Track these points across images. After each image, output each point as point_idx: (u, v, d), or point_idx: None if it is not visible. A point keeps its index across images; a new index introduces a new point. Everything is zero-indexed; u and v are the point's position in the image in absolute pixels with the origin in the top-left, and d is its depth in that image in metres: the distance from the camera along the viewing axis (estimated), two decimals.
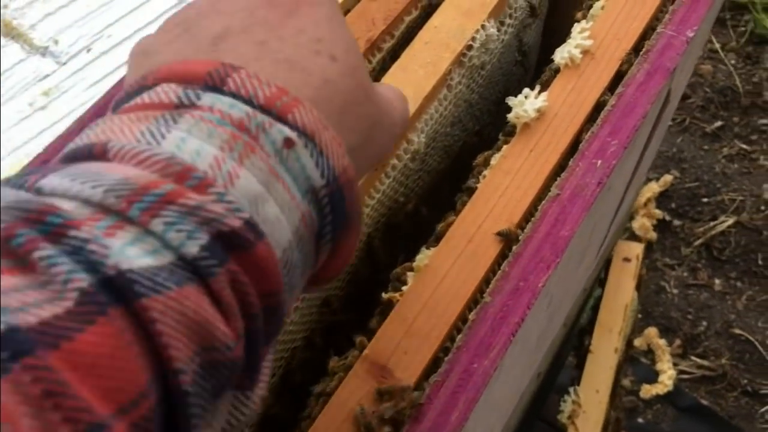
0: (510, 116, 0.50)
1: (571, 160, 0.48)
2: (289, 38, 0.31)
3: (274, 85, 0.28)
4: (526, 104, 0.50)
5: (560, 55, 0.53)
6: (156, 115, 0.27)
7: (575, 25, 0.55)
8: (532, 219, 0.46)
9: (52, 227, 0.22)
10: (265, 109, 0.28)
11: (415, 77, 0.52)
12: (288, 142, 0.28)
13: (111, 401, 0.21)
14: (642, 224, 1.62)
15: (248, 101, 0.27)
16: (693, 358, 1.51)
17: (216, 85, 0.28)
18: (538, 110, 0.50)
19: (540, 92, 0.51)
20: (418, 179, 0.58)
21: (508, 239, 0.45)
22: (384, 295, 0.46)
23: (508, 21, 0.60)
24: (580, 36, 0.54)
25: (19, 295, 0.20)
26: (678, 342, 1.52)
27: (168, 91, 0.28)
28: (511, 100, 0.51)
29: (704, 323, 1.55)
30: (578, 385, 0.84)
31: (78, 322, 0.21)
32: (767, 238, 1.64)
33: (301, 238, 0.28)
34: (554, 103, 0.51)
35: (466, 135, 0.63)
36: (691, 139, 1.79)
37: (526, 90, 0.51)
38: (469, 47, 0.55)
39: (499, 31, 0.58)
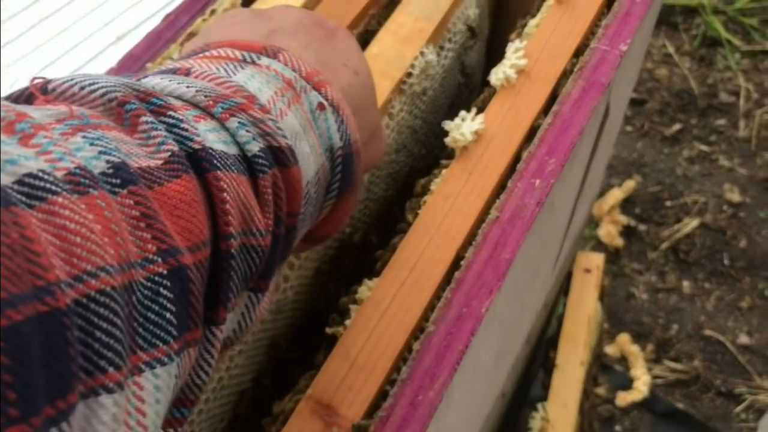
0: (447, 140, 0.50)
1: (510, 181, 0.48)
2: (326, 49, 0.38)
3: (313, 66, 0.35)
4: (462, 127, 0.50)
5: (495, 76, 0.53)
6: (226, 62, 0.33)
7: (509, 44, 0.55)
8: (473, 243, 0.46)
9: (155, 106, 0.27)
10: (305, 80, 0.34)
11: None
12: (320, 106, 0.34)
13: (184, 238, 0.25)
14: (608, 231, 1.63)
15: (294, 71, 0.34)
16: (666, 362, 1.51)
17: (269, 56, 0.34)
18: (476, 133, 0.50)
19: (477, 114, 0.51)
20: (364, 208, 0.58)
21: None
22: (327, 330, 0.45)
23: (447, 45, 0.59)
24: (514, 56, 0.54)
25: (126, 145, 0.25)
26: (651, 347, 1.53)
27: (233, 51, 0.34)
28: (447, 124, 0.50)
29: (675, 326, 1.56)
30: (546, 400, 0.84)
31: (167, 174, 0.26)
32: (731, 238, 1.66)
33: (318, 181, 0.34)
34: (491, 124, 0.51)
35: (412, 160, 0.62)
36: (651, 144, 1.81)
37: (463, 113, 0.51)
38: (409, 74, 0.54)
39: (438, 56, 0.58)
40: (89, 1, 0.78)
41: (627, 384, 1.45)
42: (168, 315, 0.24)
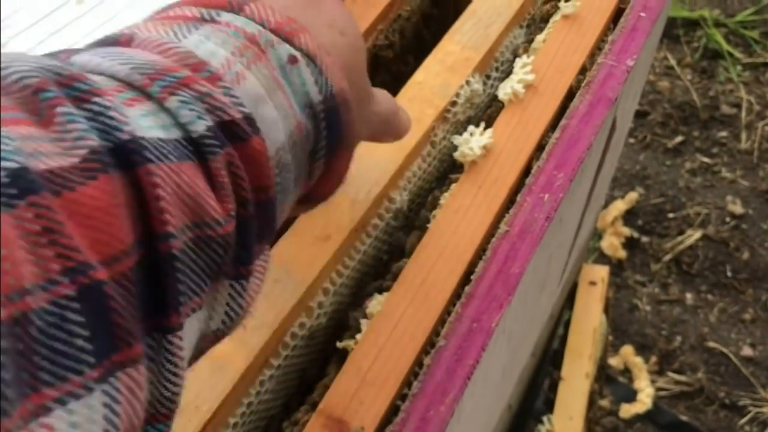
0: (456, 155, 0.50)
1: (519, 195, 0.48)
2: (310, 11, 0.35)
3: (286, 15, 0.32)
4: (471, 142, 0.50)
5: (503, 90, 0.53)
6: (179, 22, 0.30)
7: (517, 60, 0.55)
8: (483, 257, 0.46)
9: (78, 92, 0.24)
10: (274, 32, 0.31)
11: None
12: (292, 59, 0.31)
13: (97, 251, 0.22)
14: (611, 243, 1.63)
15: (261, 24, 0.31)
16: (670, 374, 1.51)
17: (233, 11, 0.31)
18: (484, 147, 0.50)
19: (485, 129, 0.51)
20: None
21: None
22: (338, 344, 0.45)
23: (494, 75, 0.59)
24: (522, 71, 0.54)
25: (34, 143, 0.22)
26: (654, 359, 1.53)
27: (191, 8, 0.31)
28: (456, 139, 0.51)
29: (678, 338, 1.56)
30: (551, 413, 0.84)
31: (82, 176, 0.23)
32: (734, 250, 1.66)
33: (295, 143, 0.32)
34: (500, 138, 0.51)
35: None
36: (654, 156, 1.82)
37: (471, 127, 0.51)
38: (453, 103, 0.54)
39: (485, 85, 0.57)
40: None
41: (631, 396, 1.45)
42: (80, 342, 0.21)
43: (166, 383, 0.26)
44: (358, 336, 0.44)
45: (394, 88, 0.64)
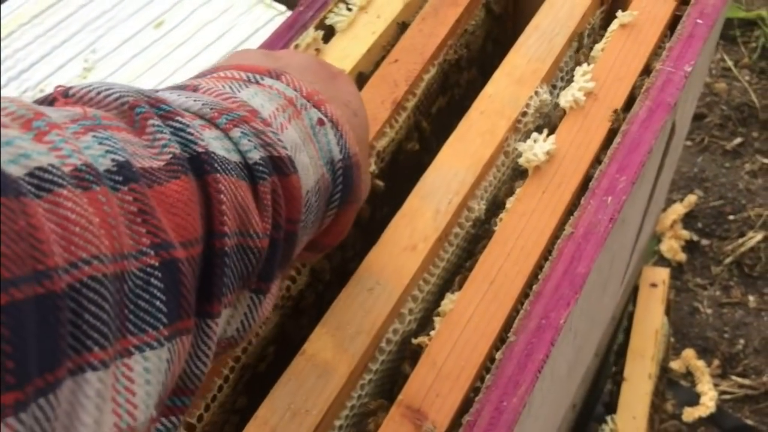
0: (521, 160, 0.53)
1: (582, 198, 0.50)
2: (329, 89, 0.41)
3: (313, 87, 0.39)
4: (535, 148, 0.53)
5: (565, 98, 0.56)
6: (231, 81, 0.36)
7: (577, 68, 0.57)
8: (550, 258, 0.48)
9: (163, 111, 0.30)
10: (306, 99, 0.38)
11: (473, 146, 0.54)
12: (320, 122, 0.38)
13: (178, 234, 0.28)
14: (670, 246, 1.62)
15: (296, 90, 0.38)
16: (734, 377, 1.50)
17: (273, 77, 0.38)
18: (548, 153, 0.52)
19: (548, 135, 0.54)
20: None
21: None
22: (413, 341, 0.48)
23: (560, 84, 0.61)
24: (582, 79, 0.56)
25: (132, 146, 0.28)
26: (717, 362, 1.51)
27: (239, 72, 0.37)
28: (520, 145, 0.53)
29: (742, 341, 1.54)
30: (615, 413, 0.85)
31: (167, 175, 0.28)
32: None
33: (318, 191, 0.37)
34: (562, 144, 0.53)
35: None
36: (712, 158, 1.80)
37: (535, 134, 0.54)
38: (524, 114, 0.56)
39: (551, 94, 0.59)
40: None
41: (693, 400, 1.44)
42: (158, 303, 0.26)
43: (197, 361, 0.31)
44: (432, 333, 0.47)
45: (468, 99, 0.67)
